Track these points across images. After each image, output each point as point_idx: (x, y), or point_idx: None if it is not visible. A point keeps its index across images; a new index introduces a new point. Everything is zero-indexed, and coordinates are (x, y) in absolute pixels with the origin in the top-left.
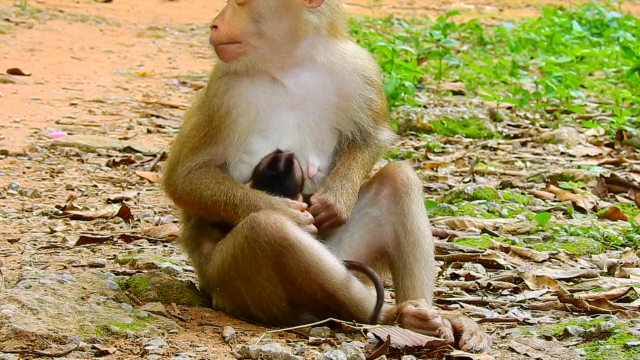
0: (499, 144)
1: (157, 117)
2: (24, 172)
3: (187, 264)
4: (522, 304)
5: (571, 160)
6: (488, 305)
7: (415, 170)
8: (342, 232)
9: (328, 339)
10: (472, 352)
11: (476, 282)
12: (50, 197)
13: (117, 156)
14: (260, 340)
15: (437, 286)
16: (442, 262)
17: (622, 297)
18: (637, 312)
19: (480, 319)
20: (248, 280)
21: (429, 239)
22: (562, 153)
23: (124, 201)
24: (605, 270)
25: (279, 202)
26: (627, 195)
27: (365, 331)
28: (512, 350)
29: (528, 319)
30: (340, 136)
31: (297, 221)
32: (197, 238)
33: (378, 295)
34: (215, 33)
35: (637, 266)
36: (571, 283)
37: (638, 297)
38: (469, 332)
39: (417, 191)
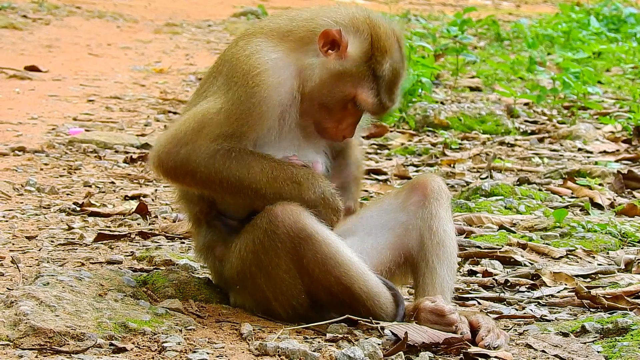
0: (516, 140)
1: (175, 113)
2: (41, 169)
3: (202, 267)
4: (540, 301)
5: (588, 157)
6: (505, 302)
7: (432, 166)
8: (367, 236)
9: (345, 335)
10: (489, 349)
11: (493, 279)
12: (67, 194)
13: (134, 153)
14: (278, 337)
15: (454, 283)
16: (459, 259)
17: None
18: None
19: (497, 315)
20: (269, 274)
21: (454, 242)
22: (580, 149)
23: (141, 198)
24: (623, 267)
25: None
26: None
27: (383, 328)
28: (530, 346)
29: (545, 316)
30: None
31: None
32: (210, 244)
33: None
34: None
35: None
36: (588, 279)
37: None
38: (486, 329)
39: (446, 198)
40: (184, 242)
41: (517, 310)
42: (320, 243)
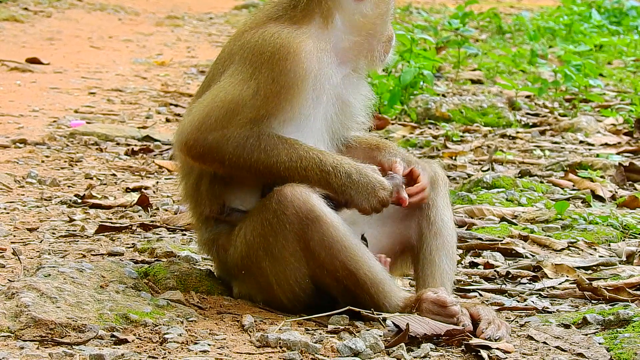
0: (517, 132)
1: (176, 106)
2: (42, 161)
3: (204, 259)
4: (541, 292)
5: (590, 149)
6: (507, 294)
7: (433, 158)
8: (366, 225)
9: (347, 327)
10: (490, 341)
11: (495, 271)
12: (69, 186)
13: (135, 145)
14: (279, 329)
15: (455, 275)
16: (460, 251)
17: None
18: None
19: (499, 307)
20: (274, 257)
21: (452, 231)
22: (581, 142)
23: (142, 190)
24: (624, 259)
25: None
26: None
27: (384, 319)
28: (531, 338)
29: (547, 307)
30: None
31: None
32: (215, 237)
33: None
34: None
35: None
36: (590, 271)
37: None
38: (486, 321)
39: (443, 186)
40: (185, 234)
41: (518, 302)
42: (328, 225)
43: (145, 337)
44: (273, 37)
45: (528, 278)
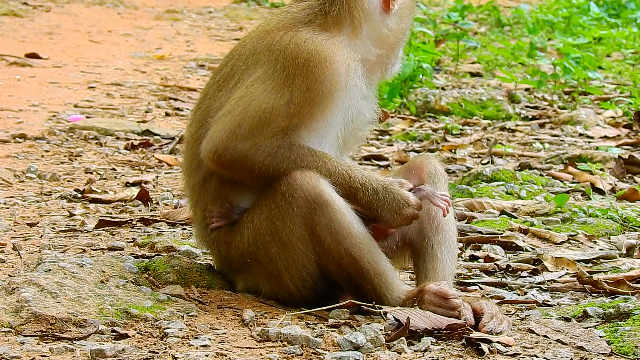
0: (517, 125)
1: (176, 100)
2: (42, 156)
3: (204, 254)
4: (541, 286)
5: (589, 142)
6: (507, 287)
7: (433, 151)
8: (365, 220)
9: (347, 321)
10: (491, 334)
11: (495, 264)
12: (69, 181)
13: (135, 139)
14: (280, 323)
15: (456, 269)
16: (460, 244)
17: None
18: None
19: (499, 300)
20: (282, 241)
21: (453, 225)
22: (580, 134)
23: (142, 184)
24: (624, 252)
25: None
26: None
27: (385, 313)
28: (532, 331)
29: (547, 301)
30: None
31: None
32: (215, 234)
33: None
34: None
35: None
36: (590, 264)
37: None
38: (489, 315)
39: (443, 181)
40: (185, 228)
41: (519, 295)
42: (336, 211)
43: (145, 332)
44: (307, 42)
45: (528, 271)
